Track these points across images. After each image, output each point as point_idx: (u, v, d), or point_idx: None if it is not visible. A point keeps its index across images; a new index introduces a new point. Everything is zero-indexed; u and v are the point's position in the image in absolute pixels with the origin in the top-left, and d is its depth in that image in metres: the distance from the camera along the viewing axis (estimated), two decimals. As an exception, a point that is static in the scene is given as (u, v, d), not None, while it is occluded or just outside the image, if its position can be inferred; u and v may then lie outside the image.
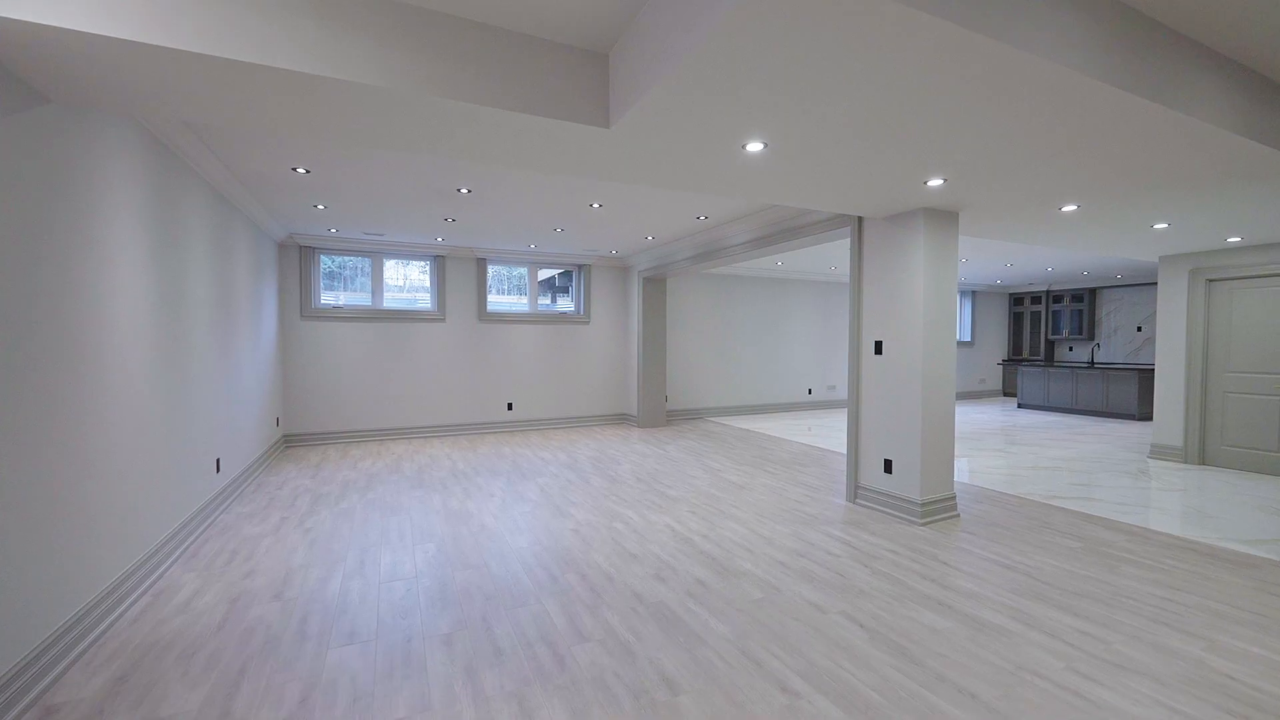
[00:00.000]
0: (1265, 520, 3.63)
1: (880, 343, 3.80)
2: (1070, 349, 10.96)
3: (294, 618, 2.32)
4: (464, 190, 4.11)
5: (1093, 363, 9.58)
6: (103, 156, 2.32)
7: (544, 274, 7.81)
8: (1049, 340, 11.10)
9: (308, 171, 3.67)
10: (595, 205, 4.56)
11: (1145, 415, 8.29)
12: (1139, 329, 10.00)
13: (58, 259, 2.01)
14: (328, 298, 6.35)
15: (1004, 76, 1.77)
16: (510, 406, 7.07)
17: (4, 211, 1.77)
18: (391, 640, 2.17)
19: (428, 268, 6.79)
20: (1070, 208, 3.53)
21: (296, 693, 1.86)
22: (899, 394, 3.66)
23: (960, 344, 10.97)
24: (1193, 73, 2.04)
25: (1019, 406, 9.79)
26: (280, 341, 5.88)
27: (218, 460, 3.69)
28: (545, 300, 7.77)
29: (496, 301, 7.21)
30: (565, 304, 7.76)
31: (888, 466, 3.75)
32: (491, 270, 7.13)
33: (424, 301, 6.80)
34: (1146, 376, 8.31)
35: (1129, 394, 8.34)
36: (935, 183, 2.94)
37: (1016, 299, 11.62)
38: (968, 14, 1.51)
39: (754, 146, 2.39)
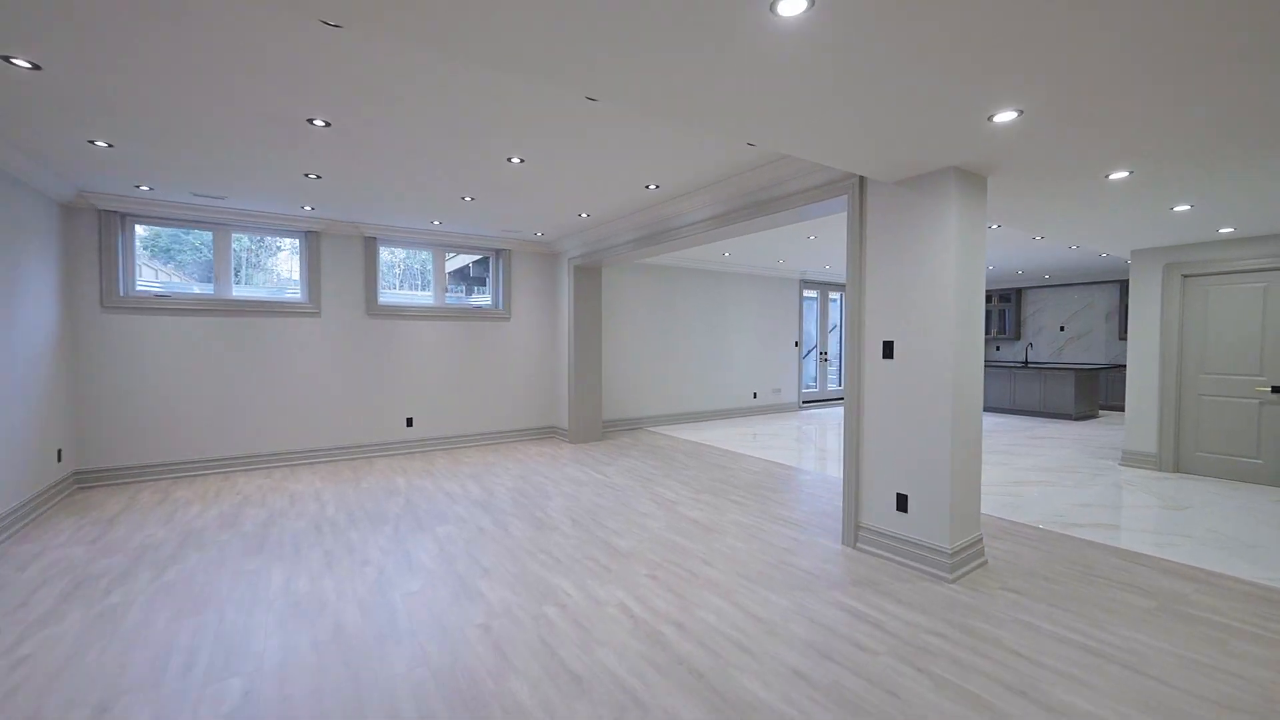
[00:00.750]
0: (1306, 548, 3.15)
1: (891, 344, 2.96)
2: (997, 348, 11.05)
3: None
4: (318, 123, 2.83)
5: (1026, 362, 9.59)
6: None
7: (457, 263, 6.50)
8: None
9: (37, 68, 2.26)
10: (514, 160, 3.42)
11: (1082, 415, 8.27)
12: (1061, 328, 10.18)
13: None
14: (147, 282, 4.72)
15: None
16: (410, 422, 5.72)
17: None
18: None
19: (297, 246, 5.30)
20: (1120, 175, 2.85)
21: None
22: (919, 410, 2.83)
23: (897, 344, 10.71)
24: None
25: (958, 407, 9.61)
26: (67, 341, 4.21)
27: None
28: (459, 292, 6.46)
29: (393, 293, 5.82)
30: (482, 297, 6.49)
31: (901, 503, 2.92)
32: (386, 253, 5.74)
33: (293, 291, 5.30)
34: (1083, 376, 8.30)
35: (1066, 394, 8.30)
36: (1005, 117, 2.09)
37: (947, 299, 11.61)
38: None
39: (791, 6, 1.40)
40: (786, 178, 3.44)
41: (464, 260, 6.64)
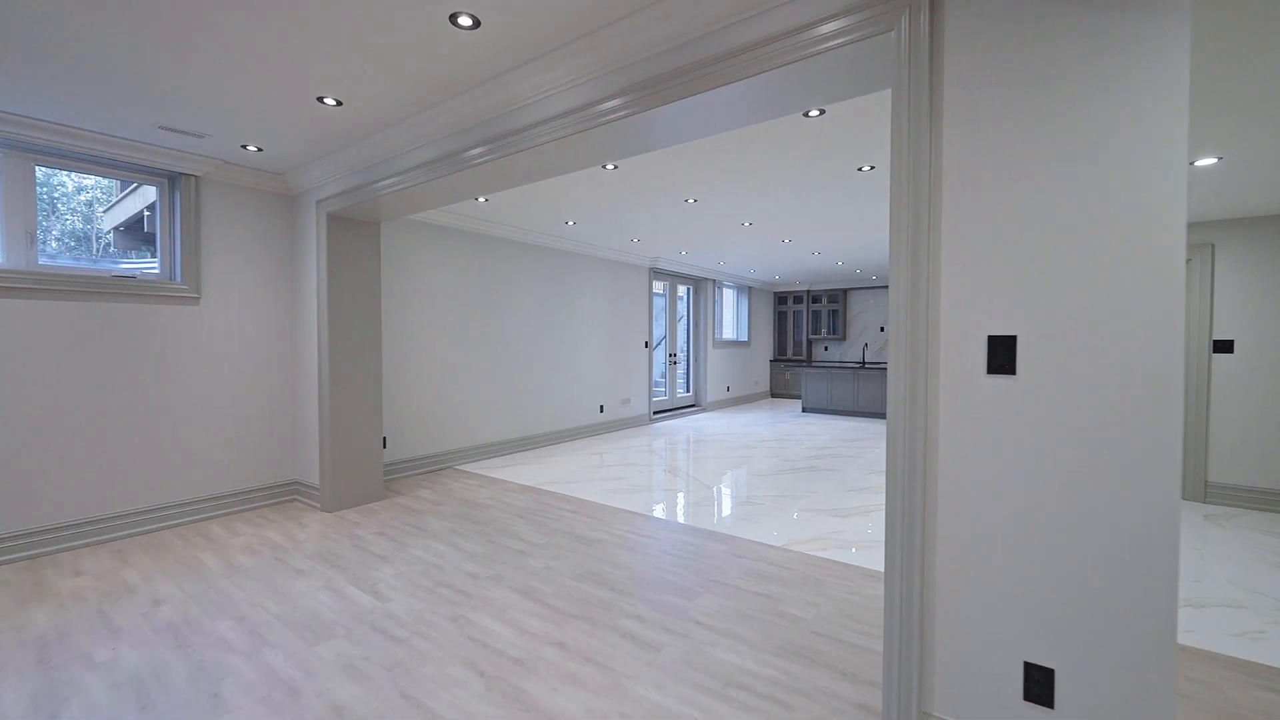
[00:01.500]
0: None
1: (1009, 341, 1.39)
2: (826, 349, 11.04)
3: None
4: None
5: (864, 363, 9.51)
6: None
7: (124, 212, 3.50)
8: (810, 340, 11.03)
9: None
10: None
11: (920, 415, 8.20)
12: (882, 329, 10.44)
13: None
14: None
15: None
16: (-75, 512, 2.68)
17: None
18: None
19: None
20: (1323, 47, 1.69)
21: None
22: (1093, 485, 1.30)
23: (739, 344, 10.01)
24: None
25: (804, 411, 9.11)
26: None
27: None
28: (145, 259, 3.46)
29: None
30: (147, 263, 3.58)
31: (1039, 685, 1.36)
32: None
33: None
34: (920, 376, 8.24)
35: (906, 394, 8.17)
36: None
37: (780, 298, 11.35)
38: None
39: None
40: (733, 20, 1.68)
41: (138, 205, 3.66)
